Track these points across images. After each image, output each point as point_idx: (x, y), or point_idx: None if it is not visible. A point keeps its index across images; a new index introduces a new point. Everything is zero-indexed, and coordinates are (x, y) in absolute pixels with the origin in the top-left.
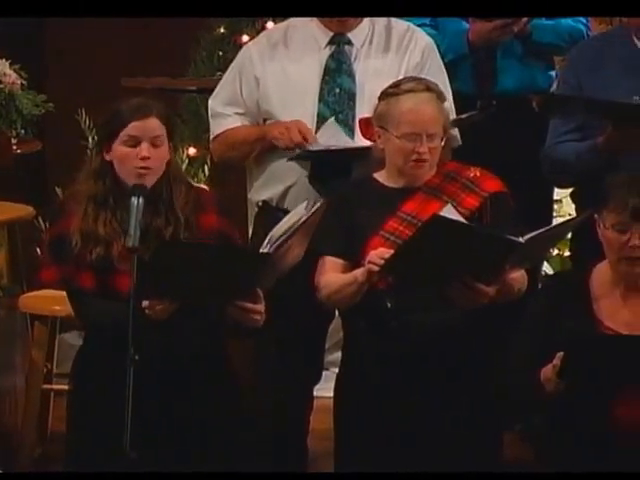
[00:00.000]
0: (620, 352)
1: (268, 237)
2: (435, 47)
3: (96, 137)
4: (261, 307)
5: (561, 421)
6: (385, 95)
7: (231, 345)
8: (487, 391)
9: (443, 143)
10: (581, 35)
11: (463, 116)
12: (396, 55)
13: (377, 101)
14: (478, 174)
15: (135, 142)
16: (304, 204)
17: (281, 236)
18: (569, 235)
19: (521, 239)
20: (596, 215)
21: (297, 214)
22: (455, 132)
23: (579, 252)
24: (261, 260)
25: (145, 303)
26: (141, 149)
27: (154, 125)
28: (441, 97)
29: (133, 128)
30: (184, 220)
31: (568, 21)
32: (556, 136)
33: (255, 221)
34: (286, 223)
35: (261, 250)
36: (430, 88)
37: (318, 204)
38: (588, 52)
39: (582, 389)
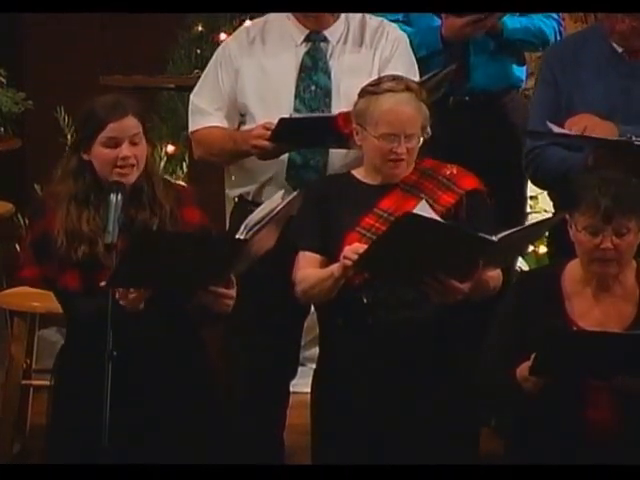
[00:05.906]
0: (592, 349)
1: (244, 224)
2: (407, 40)
3: (71, 137)
4: (233, 292)
5: (533, 418)
6: (365, 93)
7: (209, 341)
8: (462, 388)
9: (421, 142)
10: (553, 32)
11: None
12: (369, 51)
13: (357, 97)
14: (455, 171)
15: (115, 143)
16: (280, 193)
17: (257, 223)
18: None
19: (494, 237)
20: (567, 216)
21: (273, 202)
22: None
23: (557, 249)
24: (237, 246)
25: (118, 292)
26: (121, 150)
27: (131, 124)
28: (420, 96)
29: (111, 130)
30: (169, 211)
31: (540, 17)
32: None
33: (231, 216)
34: (262, 211)
35: (237, 236)
36: (410, 87)
37: (294, 194)
38: (564, 51)
39: (554, 386)
